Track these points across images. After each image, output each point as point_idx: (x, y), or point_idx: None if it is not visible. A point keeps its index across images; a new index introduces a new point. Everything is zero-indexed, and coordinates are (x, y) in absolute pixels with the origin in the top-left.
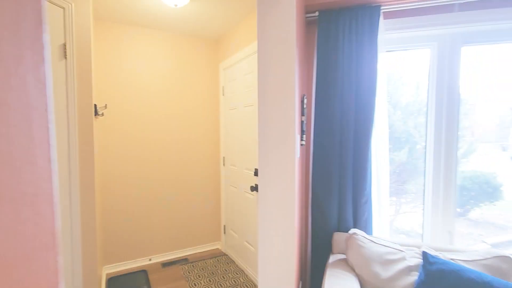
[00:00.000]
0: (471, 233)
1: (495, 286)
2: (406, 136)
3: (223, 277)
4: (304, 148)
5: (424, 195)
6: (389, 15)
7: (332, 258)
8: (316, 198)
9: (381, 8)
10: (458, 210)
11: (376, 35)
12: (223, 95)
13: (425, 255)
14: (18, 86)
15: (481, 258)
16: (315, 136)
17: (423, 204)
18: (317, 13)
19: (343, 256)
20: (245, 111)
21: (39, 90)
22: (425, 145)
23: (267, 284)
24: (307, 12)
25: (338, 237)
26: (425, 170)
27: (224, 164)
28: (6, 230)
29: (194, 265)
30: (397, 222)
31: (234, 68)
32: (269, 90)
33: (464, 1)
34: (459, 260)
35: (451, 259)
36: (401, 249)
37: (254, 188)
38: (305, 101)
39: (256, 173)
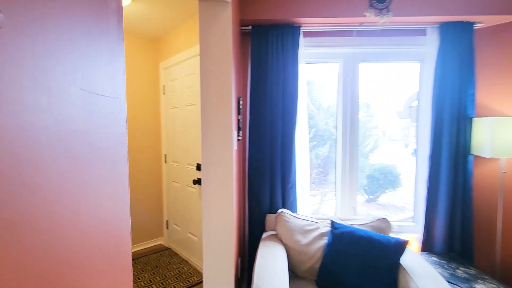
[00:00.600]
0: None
1: (374, 238)
2: (328, 134)
3: (167, 268)
4: (241, 143)
5: (335, 181)
6: (308, 34)
7: (265, 235)
8: (252, 186)
9: (301, 28)
10: (371, 196)
11: (297, 49)
12: (164, 94)
13: (332, 223)
14: None
15: (369, 221)
16: (250, 132)
17: (335, 188)
18: (250, 27)
19: (273, 232)
20: (187, 110)
21: None
22: (335, 141)
23: (212, 264)
24: (242, 25)
25: (270, 218)
26: (335, 162)
27: (166, 161)
28: None
29: (137, 262)
30: (322, 208)
31: (174, 68)
32: (210, 92)
33: (360, 29)
34: (356, 225)
35: (351, 224)
36: (317, 221)
37: (197, 182)
38: (241, 102)
39: (198, 168)
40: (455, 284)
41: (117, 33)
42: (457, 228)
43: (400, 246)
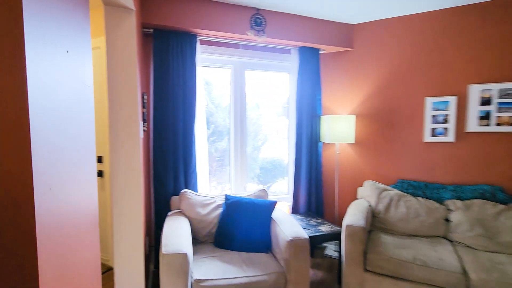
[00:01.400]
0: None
1: (255, 202)
2: (226, 130)
3: None
4: (146, 133)
5: (230, 170)
6: (204, 42)
7: (170, 213)
8: (156, 172)
9: (198, 37)
10: (265, 186)
11: (195, 54)
12: None
13: (226, 196)
14: None
15: (253, 192)
16: (154, 124)
17: (229, 176)
18: (152, 30)
19: (178, 211)
20: None
21: None
22: (229, 136)
23: (122, 245)
24: (144, 27)
25: (174, 199)
26: (229, 152)
27: None
28: None
29: None
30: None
31: None
32: (118, 88)
33: (245, 43)
34: (245, 196)
35: (241, 196)
36: (214, 197)
37: (99, 174)
38: (145, 97)
39: (99, 160)
40: (307, 229)
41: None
42: (313, 195)
43: (271, 205)
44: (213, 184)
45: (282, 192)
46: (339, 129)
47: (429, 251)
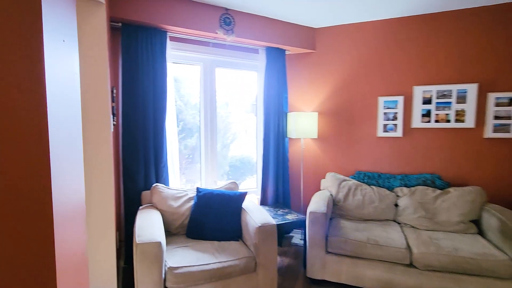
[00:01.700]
0: None
1: (226, 193)
2: (195, 127)
3: None
4: (115, 128)
5: (201, 166)
6: (174, 39)
7: (141, 207)
8: (126, 167)
9: (168, 33)
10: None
11: (165, 51)
12: None
13: (197, 188)
14: None
15: (224, 185)
16: (124, 119)
17: (200, 172)
18: (120, 24)
19: (149, 205)
20: None
21: None
22: (199, 133)
23: (94, 240)
24: (112, 21)
25: (145, 194)
26: (200, 150)
27: None
28: None
29: None
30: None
31: None
32: (88, 82)
33: (214, 42)
34: (216, 189)
35: (212, 189)
36: (186, 190)
37: None
38: (114, 91)
39: None
40: (275, 218)
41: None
42: (280, 187)
43: (242, 196)
44: (183, 182)
45: (251, 187)
46: (304, 125)
47: (380, 232)
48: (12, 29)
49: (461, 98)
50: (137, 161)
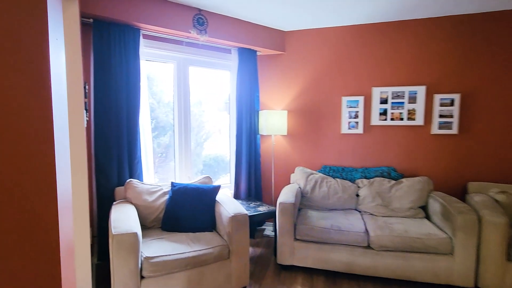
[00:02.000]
0: None
1: (200, 187)
2: (168, 125)
3: None
4: (87, 123)
5: (175, 164)
6: (147, 36)
7: (115, 203)
8: (99, 164)
9: (141, 30)
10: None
11: (138, 48)
12: None
13: (172, 183)
14: None
15: (198, 180)
16: (96, 115)
17: (174, 170)
18: (91, 20)
19: (123, 200)
20: None
21: None
22: (173, 131)
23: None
24: (82, 17)
25: (119, 189)
26: (174, 148)
27: None
28: None
29: None
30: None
31: None
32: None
33: (188, 41)
34: (191, 183)
35: (186, 183)
36: (160, 185)
37: None
38: (86, 87)
39: None
40: (248, 210)
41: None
42: (252, 182)
43: (215, 189)
44: (156, 180)
45: (225, 183)
46: (274, 122)
47: (343, 219)
48: (20, 31)
49: (412, 99)
50: (110, 157)
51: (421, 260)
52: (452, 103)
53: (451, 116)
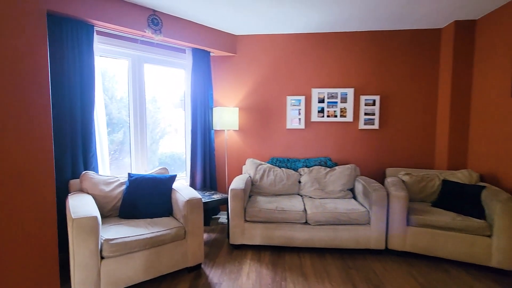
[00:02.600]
0: None
1: (157, 177)
2: (122, 122)
3: None
4: None
5: (131, 161)
6: (102, 33)
7: (70, 194)
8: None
9: (95, 27)
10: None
11: (92, 44)
12: None
13: (128, 174)
14: None
15: (155, 171)
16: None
17: (130, 165)
18: None
19: (79, 191)
20: None
21: None
22: (129, 129)
23: None
24: None
25: (74, 182)
26: (130, 145)
27: None
28: None
29: None
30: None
31: None
32: None
33: (143, 39)
34: (148, 174)
35: (143, 173)
36: (117, 176)
37: None
38: None
39: None
40: (203, 197)
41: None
42: (207, 173)
43: (172, 178)
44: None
45: (181, 176)
46: (227, 118)
47: (286, 202)
48: (22, 32)
49: (344, 99)
50: (63, 150)
51: (346, 231)
52: (374, 103)
53: (373, 114)
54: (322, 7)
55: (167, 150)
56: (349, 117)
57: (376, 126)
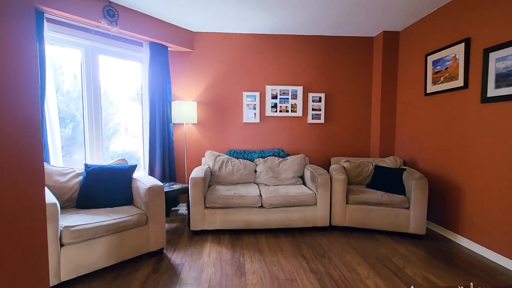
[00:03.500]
0: None
1: (116, 167)
2: (69, 116)
3: None
4: None
5: (85, 157)
6: (52, 21)
7: None
8: None
9: (45, 14)
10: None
11: (42, 32)
12: None
13: (85, 164)
14: None
15: (113, 161)
16: None
17: (85, 159)
18: None
19: None
20: None
21: None
22: (78, 124)
23: None
24: None
25: None
26: (84, 140)
27: None
28: None
29: None
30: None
31: None
32: None
33: (97, 30)
34: (106, 164)
35: (102, 164)
36: (72, 167)
37: None
38: None
39: None
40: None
41: None
42: (166, 166)
43: (132, 168)
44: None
45: (139, 170)
46: (186, 112)
47: (244, 189)
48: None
49: (294, 96)
50: None
51: (297, 212)
52: (320, 100)
53: (320, 110)
54: (274, 10)
55: (119, 149)
56: (299, 112)
57: (322, 120)
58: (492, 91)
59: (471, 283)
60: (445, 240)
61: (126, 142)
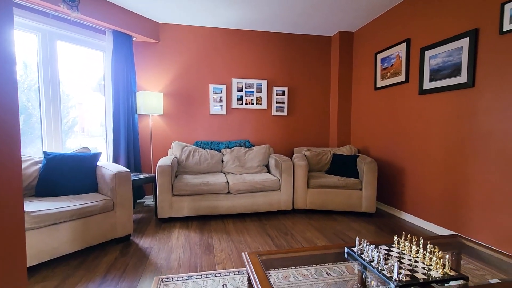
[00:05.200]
0: None
1: (79, 154)
2: (20, 108)
3: None
4: None
5: (42, 146)
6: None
7: None
8: None
9: None
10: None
11: None
12: None
13: (44, 152)
14: None
15: (76, 149)
16: None
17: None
18: None
19: None
20: None
21: None
22: (31, 116)
23: None
24: None
25: None
26: (41, 134)
27: None
28: None
29: None
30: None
31: None
32: None
33: (55, 14)
34: (69, 152)
35: (63, 152)
36: (30, 155)
37: None
38: None
39: None
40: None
41: None
42: (131, 157)
43: (96, 156)
44: None
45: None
46: (151, 103)
47: (211, 177)
48: None
49: (259, 89)
50: None
51: (262, 197)
52: (283, 93)
53: (283, 103)
54: (238, 5)
55: (77, 145)
56: (264, 105)
57: (285, 113)
58: (427, 84)
59: (395, 236)
60: (392, 216)
61: (83, 141)
